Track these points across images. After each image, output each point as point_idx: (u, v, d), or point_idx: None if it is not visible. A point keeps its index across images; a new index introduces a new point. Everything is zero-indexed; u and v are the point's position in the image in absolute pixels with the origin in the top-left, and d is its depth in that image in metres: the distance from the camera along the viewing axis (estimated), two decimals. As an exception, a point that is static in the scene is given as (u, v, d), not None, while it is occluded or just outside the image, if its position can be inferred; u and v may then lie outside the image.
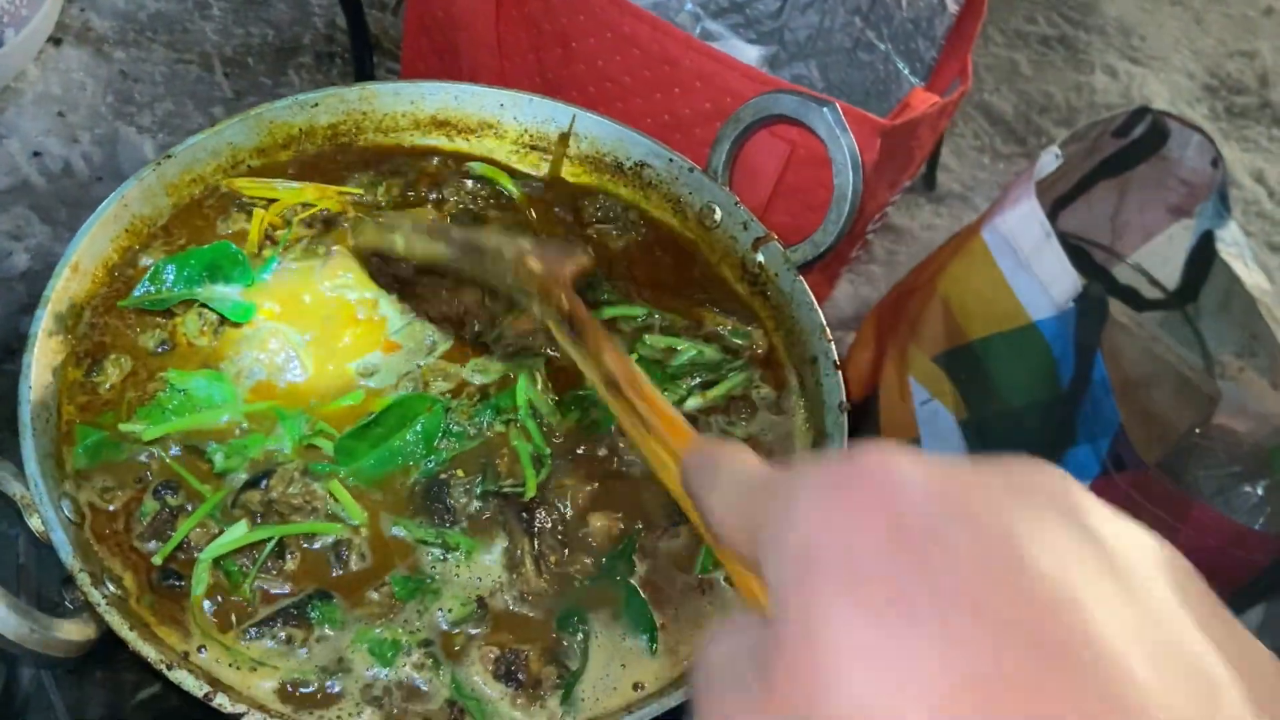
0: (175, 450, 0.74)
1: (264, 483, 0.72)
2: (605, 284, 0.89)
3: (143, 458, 0.74)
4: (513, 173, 0.97)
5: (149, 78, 1.70)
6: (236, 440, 0.74)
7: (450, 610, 0.70)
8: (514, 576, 0.72)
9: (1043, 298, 1.25)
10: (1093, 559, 0.29)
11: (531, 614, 0.72)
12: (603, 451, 0.80)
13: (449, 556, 0.72)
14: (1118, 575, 0.29)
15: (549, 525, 0.73)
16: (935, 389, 1.36)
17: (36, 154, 1.57)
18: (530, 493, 0.74)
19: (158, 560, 0.69)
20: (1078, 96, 2.20)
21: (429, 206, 0.90)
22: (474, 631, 0.71)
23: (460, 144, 0.98)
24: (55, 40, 1.67)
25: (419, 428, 0.79)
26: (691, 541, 0.76)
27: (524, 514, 0.73)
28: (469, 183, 0.94)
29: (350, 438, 0.77)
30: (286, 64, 1.80)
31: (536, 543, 0.72)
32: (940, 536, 0.29)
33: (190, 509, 0.71)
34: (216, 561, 0.68)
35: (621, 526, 0.76)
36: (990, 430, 1.31)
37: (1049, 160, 1.32)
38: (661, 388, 0.85)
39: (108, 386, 0.76)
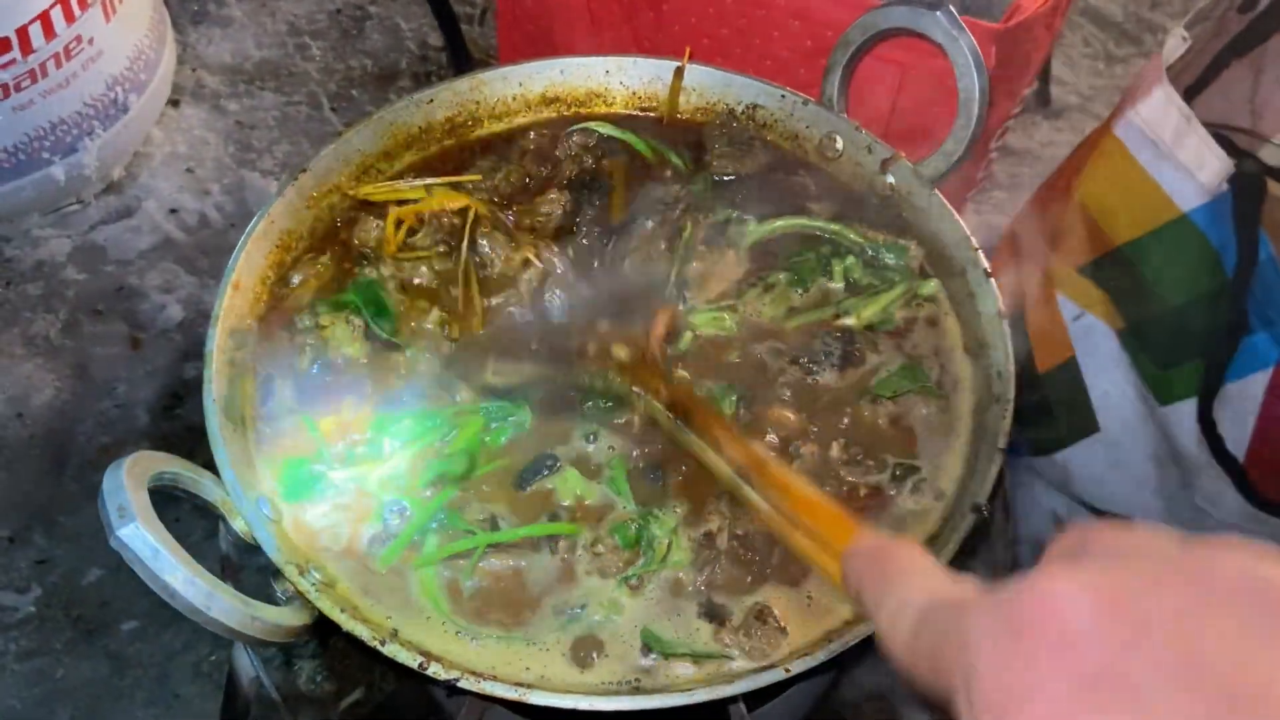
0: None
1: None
2: (735, 210, 0.89)
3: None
4: (620, 121, 0.98)
5: (263, 123, 1.78)
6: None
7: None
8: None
9: (1190, 186, 1.18)
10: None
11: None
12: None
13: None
14: None
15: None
16: (1086, 302, 1.30)
17: (173, 211, 1.66)
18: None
19: (381, 568, 0.72)
20: (1190, -16, 2.08)
21: (552, 190, 0.91)
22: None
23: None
24: (174, 102, 1.77)
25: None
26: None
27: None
28: (574, 140, 0.95)
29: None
30: (388, 89, 1.86)
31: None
32: (1121, 673, 0.30)
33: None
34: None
35: None
36: (1152, 335, 1.25)
37: (1176, 43, 1.25)
38: (816, 305, 0.84)
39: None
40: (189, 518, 1.21)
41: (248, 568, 0.79)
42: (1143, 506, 1.38)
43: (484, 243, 0.85)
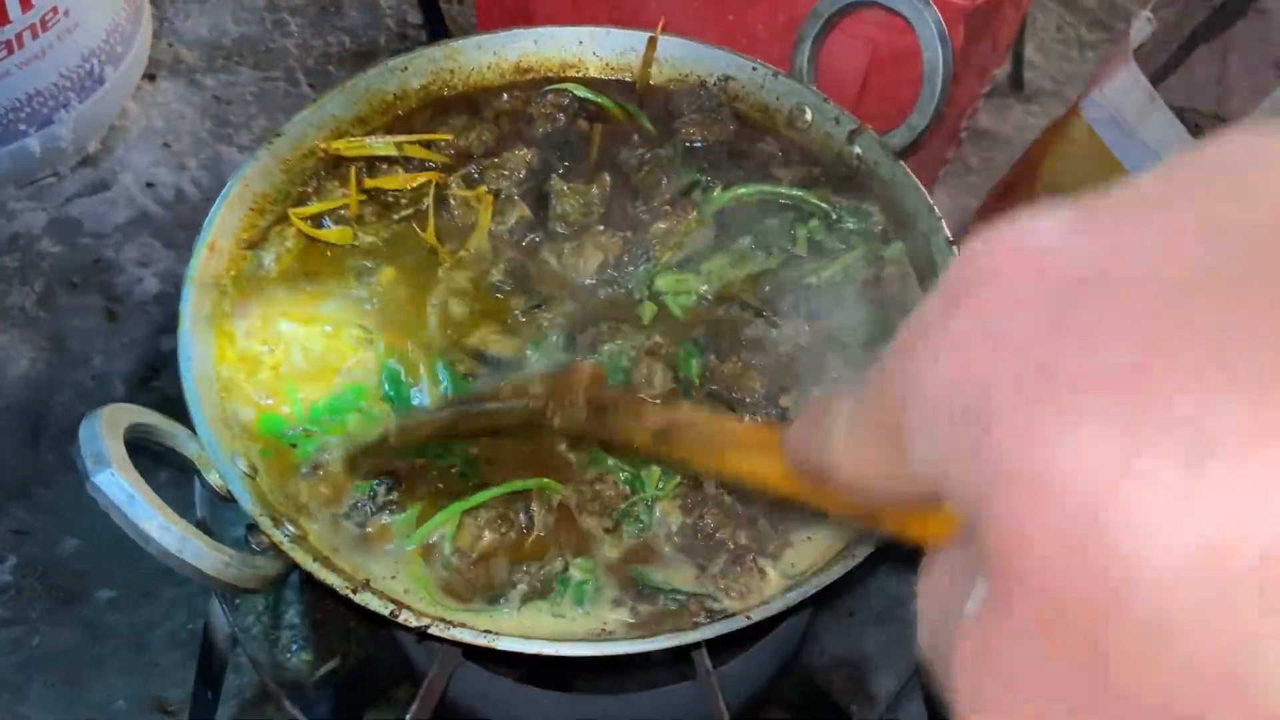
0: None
1: None
2: (703, 175, 0.91)
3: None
4: (594, 84, 0.99)
5: (240, 99, 1.78)
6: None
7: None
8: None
9: (1154, 164, 1.20)
10: None
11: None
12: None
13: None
14: None
15: None
16: (1053, 280, 1.33)
17: (150, 185, 1.66)
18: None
19: (411, 545, 0.73)
20: (1161, -28, 2.11)
21: (523, 148, 0.92)
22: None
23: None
24: (150, 76, 1.76)
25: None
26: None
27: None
28: (548, 99, 0.96)
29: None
30: (366, 67, 1.86)
31: None
32: (1115, 278, 0.21)
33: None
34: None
35: None
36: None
37: (1142, 25, 1.27)
38: (780, 268, 0.87)
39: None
40: (161, 490, 1.22)
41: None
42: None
43: (445, 213, 0.87)
